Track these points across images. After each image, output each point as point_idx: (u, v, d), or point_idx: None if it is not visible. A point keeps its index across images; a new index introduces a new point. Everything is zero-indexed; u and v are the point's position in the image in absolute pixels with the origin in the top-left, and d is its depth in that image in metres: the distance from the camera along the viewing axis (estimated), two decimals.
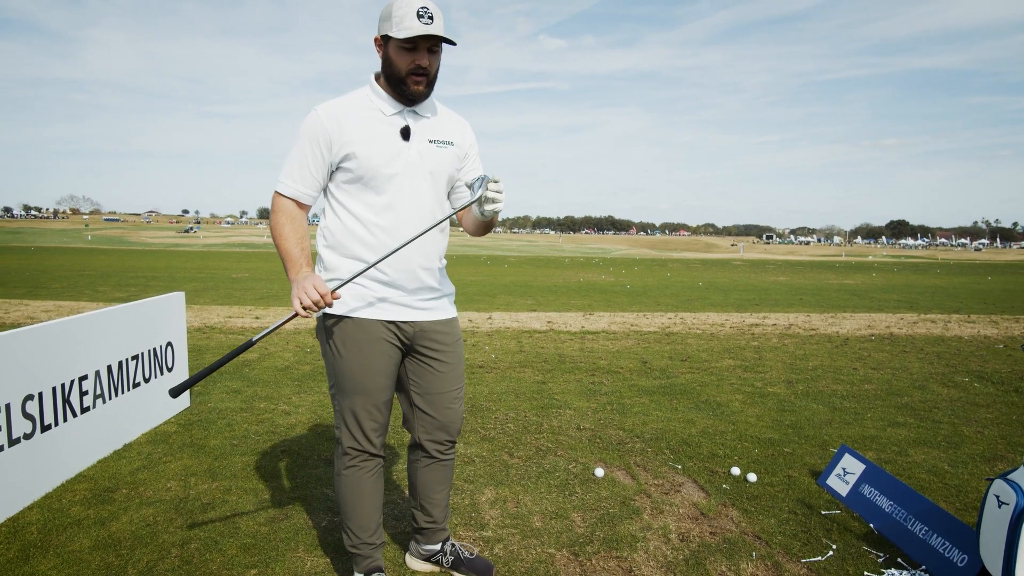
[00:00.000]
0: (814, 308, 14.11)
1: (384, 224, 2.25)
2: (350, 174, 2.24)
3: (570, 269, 29.88)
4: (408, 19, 2.15)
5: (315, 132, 2.23)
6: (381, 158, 2.22)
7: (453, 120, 2.46)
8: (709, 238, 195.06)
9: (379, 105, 2.28)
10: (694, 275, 27.59)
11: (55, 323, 3.46)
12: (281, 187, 2.27)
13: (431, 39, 2.19)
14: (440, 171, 2.34)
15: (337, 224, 2.29)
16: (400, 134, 2.26)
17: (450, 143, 2.38)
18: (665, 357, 7.07)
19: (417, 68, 2.19)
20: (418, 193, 2.29)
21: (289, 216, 2.25)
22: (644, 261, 41.42)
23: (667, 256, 57.24)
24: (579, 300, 15.39)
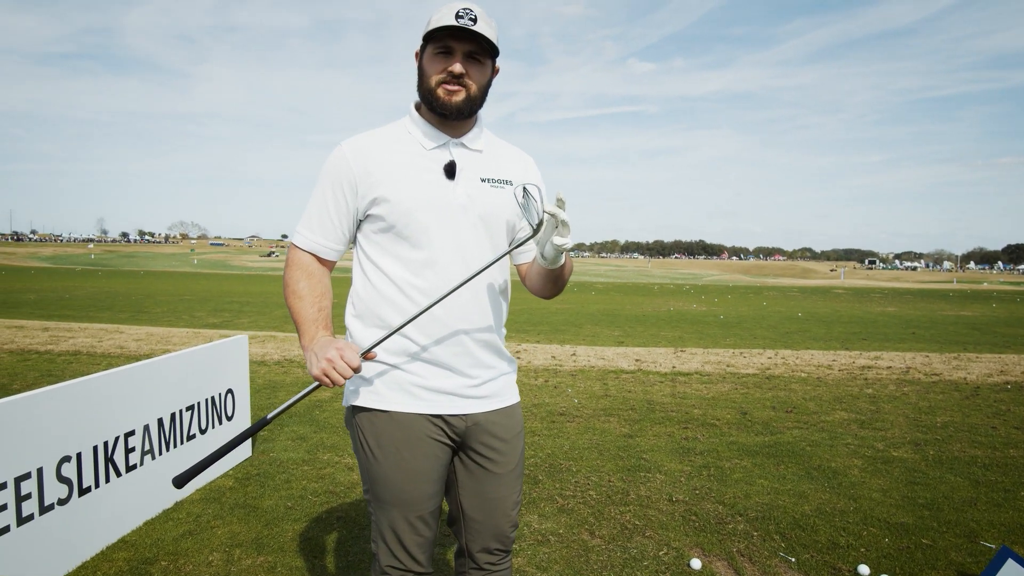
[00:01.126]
0: (930, 344, 12.88)
1: (423, 285, 1.83)
2: (381, 223, 1.84)
3: (659, 297, 28.98)
4: (443, 20, 1.78)
5: (337, 173, 1.86)
6: (417, 201, 1.81)
7: (513, 155, 2.04)
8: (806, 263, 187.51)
9: (418, 137, 1.89)
10: (792, 304, 26.18)
11: (100, 377, 3.23)
12: (297, 238, 1.90)
13: (466, 40, 1.80)
14: (495, 217, 1.90)
15: (366, 287, 1.90)
16: (443, 171, 1.85)
17: (508, 182, 1.94)
18: (767, 406, 6.37)
19: (448, 75, 1.80)
20: (465, 244, 1.86)
21: (306, 271, 1.88)
22: (738, 288, 39.85)
23: (762, 283, 55.10)
24: (669, 332, 14.69)
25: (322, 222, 1.88)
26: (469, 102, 1.86)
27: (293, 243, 1.92)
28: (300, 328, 1.83)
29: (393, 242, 1.85)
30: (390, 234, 1.85)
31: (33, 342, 9.64)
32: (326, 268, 1.93)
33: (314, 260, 1.90)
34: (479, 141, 1.96)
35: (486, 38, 1.81)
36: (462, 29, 1.78)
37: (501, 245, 1.95)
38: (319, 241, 1.88)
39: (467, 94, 1.84)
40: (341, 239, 1.91)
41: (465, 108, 1.85)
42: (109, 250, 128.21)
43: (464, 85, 1.83)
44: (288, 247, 1.93)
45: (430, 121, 1.91)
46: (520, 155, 2.07)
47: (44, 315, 15.57)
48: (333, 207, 1.87)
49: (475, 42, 1.82)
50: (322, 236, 1.88)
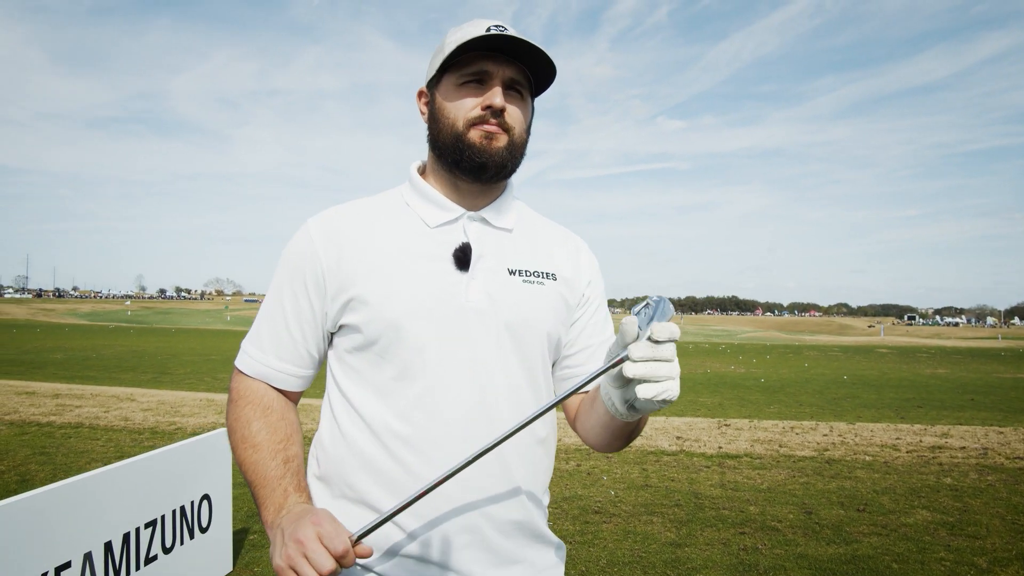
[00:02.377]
0: (994, 414, 11.86)
1: (413, 435, 1.21)
2: (356, 337, 1.25)
3: (695, 357, 28.00)
4: (468, 32, 1.25)
5: (298, 264, 1.28)
6: (409, 304, 1.22)
7: (556, 236, 1.43)
8: (843, 319, 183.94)
9: (419, 209, 1.32)
10: (836, 366, 25.03)
11: (28, 498, 2.61)
12: (242, 359, 1.31)
13: (508, 62, 1.26)
14: (528, 327, 1.28)
15: (333, 435, 1.28)
16: (453, 259, 1.26)
17: (550, 275, 1.34)
18: (834, 503, 5.54)
19: (487, 112, 1.24)
20: (482, 370, 1.24)
21: (260, 407, 1.26)
22: (776, 347, 38.60)
23: (800, 340, 53.56)
24: (709, 397, 13.84)
25: (277, 337, 1.29)
26: (512, 152, 1.28)
27: (236, 367, 1.31)
28: (258, 494, 1.19)
29: (373, 366, 1.24)
30: (369, 354, 1.24)
31: (37, 412, 9.17)
32: (285, 402, 1.31)
33: (270, 389, 1.29)
34: (508, 215, 1.36)
35: (536, 58, 1.26)
36: (501, 40, 1.22)
37: (537, 367, 1.31)
38: (272, 364, 1.28)
39: (510, 139, 1.27)
40: (305, 360, 1.30)
41: (508, 160, 1.28)
42: (146, 306, 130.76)
43: (506, 127, 1.26)
44: (231, 377, 1.33)
45: (439, 187, 1.33)
46: (567, 236, 1.45)
47: (66, 376, 15.26)
48: (293, 314, 1.28)
49: (518, 65, 1.26)
50: (276, 357, 1.28)
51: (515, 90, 1.29)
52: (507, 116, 1.26)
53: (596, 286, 1.44)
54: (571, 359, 1.39)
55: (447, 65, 1.27)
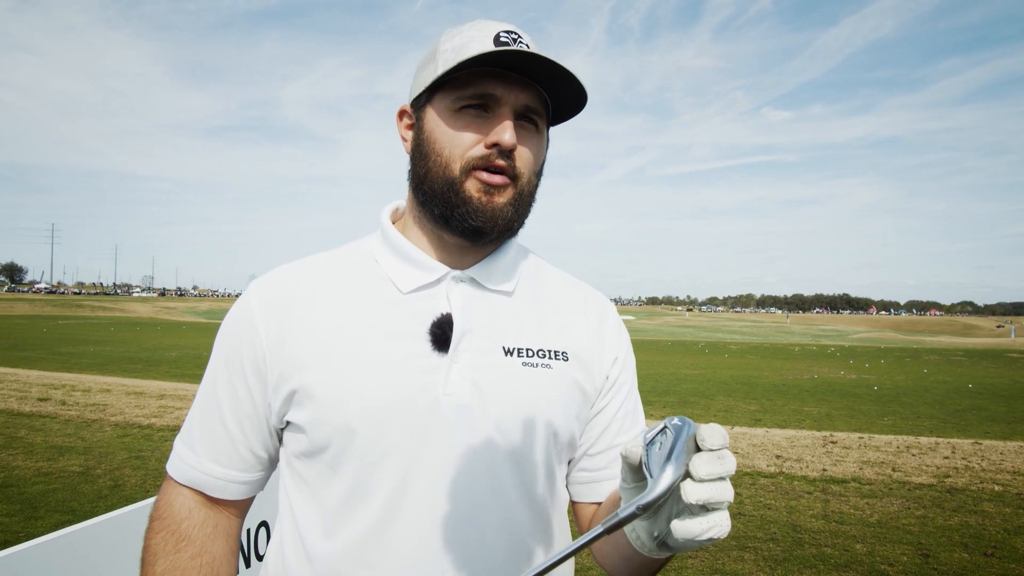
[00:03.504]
0: None
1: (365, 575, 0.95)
2: (302, 439, 0.99)
3: (801, 360, 26.62)
4: (474, 45, 0.93)
5: (234, 341, 1.01)
6: (366, 401, 0.95)
7: (572, 298, 1.12)
8: (967, 318, 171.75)
9: (389, 269, 1.03)
10: (959, 372, 23.15)
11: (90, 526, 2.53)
12: (172, 462, 1.07)
13: (521, 87, 0.95)
14: (530, 427, 0.99)
15: (276, 564, 1.03)
16: (430, 337, 0.97)
17: (561, 354, 1.03)
18: (956, 544, 4.90)
19: (493, 152, 0.94)
20: (463, 490, 0.96)
21: (174, 537, 1.01)
22: (891, 351, 36.21)
23: (918, 342, 50.17)
24: (814, 407, 13.01)
25: (211, 434, 1.04)
26: (518, 208, 0.99)
27: (166, 470, 1.08)
28: None
29: (322, 479, 0.98)
30: (317, 464, 0.98)
31: (141, 413, 9.58)
32: (223, 518, 1.06)
33: (199, 507, 1.04)
34: (507, 273, 1.06)
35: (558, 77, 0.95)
36: (516, 57, 0.91)
37: (540, 484, 1.02)
38: (205, 469, 1.03)
39: (516, 192, 0.97)
40: (249, 463, 1.05)
41: (513, 221, 0.99)
42: None
43: (514, 173, 0.96)
44: (163, 481, 1.09)
45: (418, 238, 1.04)
46: (587, 298, 1.13)
47: (177, 374, 16.06)
48: (229, 406, 1.02)
49: (534, 88, 0.96)
50: (211, 460, 1.03)
51: (528, 120, 0.98)
52: (516, 158, 0.96)
53: (625, 365, 1.11)
54: (592, 460, 1.08)
55: (441, 82, 0.97)
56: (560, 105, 1.01)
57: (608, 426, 1.08)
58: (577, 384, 1.04)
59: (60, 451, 7.12)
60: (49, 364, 17.30)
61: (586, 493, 1.09)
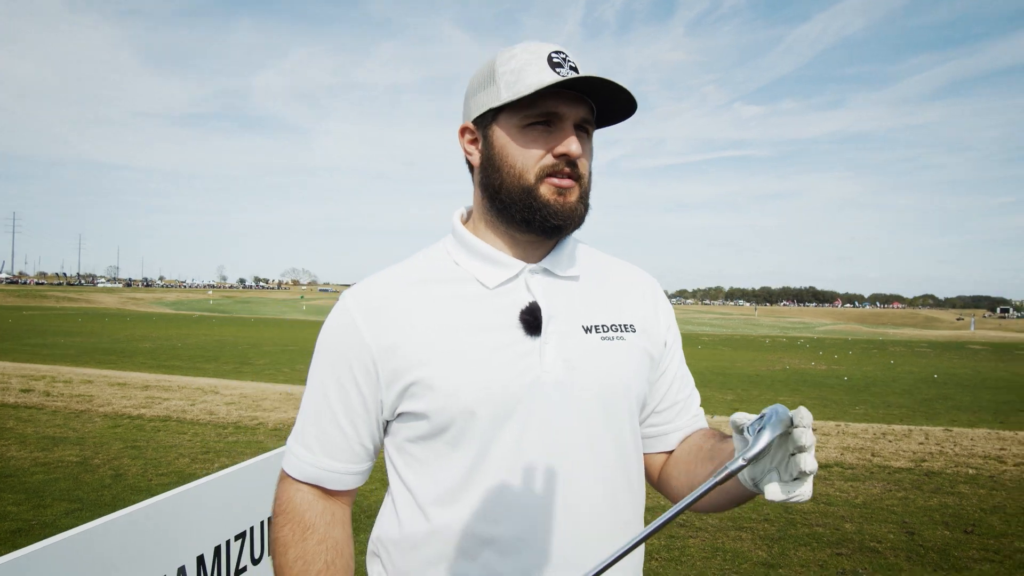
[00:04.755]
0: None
1: (496, 535, 1.08)
2: (421, 424, 1.11)
3: (772, 352, 27.17)
4: (532, 68, 1.06)
5: (343, 352, 1.14)
6: (481, 385, 1.08)
7: (627, 278, 1.28)
8: (929, 311, 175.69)
9: (473, 268, 1.16)
10: (924, 363, 23.86)
11: (118, 518, 2.63)
12: (289, 462, 1.18)
13: (577, 102, 1.09)
14: (616, 392, 1.15)
15: (394, 531, 1.16)
16: (522, 323, 1.11)
17: (630, 327, 1.19)
18: (937, 523, 5.18)
19: (561, 161, 1.08)
20: (568, 451, 1.11)
21: (302, 527, 1.14)
22: (858, 342, 37.10)
23: (883, 334, 51.36)
24: (788, 397, 13.39)
25: (325, 434, 1.15)
26: (584, 203, 1.14)
27: (283, 470, 1.20)
28: None
29: (442, 457, 1.11)
30: (437, 444, 1.11)
31: (129, 404, 9.55)
32: (338, 507, 1.18)
33: (317, 499, 1.16)
34: (572, 261, 1.21)
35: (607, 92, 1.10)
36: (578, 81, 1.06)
37: (628, 439, 1.17)
38: (323, 465, 1.15)
39: (581, 190, 1.11)
40: (360, 455, 1.17)
41: (583, 214, 1.13)
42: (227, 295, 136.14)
43: (578, 176, 1.10)
44: (278, 478, 1.21)
45: (491, 239, 1.17)
46: (638, 277, 1.29)
47: (154, 365, 15.95)
48: (341, 407, 1.14)
49: (588, 103, 1.10)
50: (327, 456, 1.15)
51: (583, 129, 1.13)
52: (580, 164, 1.11)
53: (675, 330, 1.30)
54: (660, 415, 1.26)
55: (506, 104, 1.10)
56: (607, 112, 1.15)
57: (671, 385, 1.26)
58: (646, 351, 1.20)
59: (54, 441, 7.11)
60: (20, 355, 17.03)
61: (657, 445, 1.26)
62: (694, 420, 1.29)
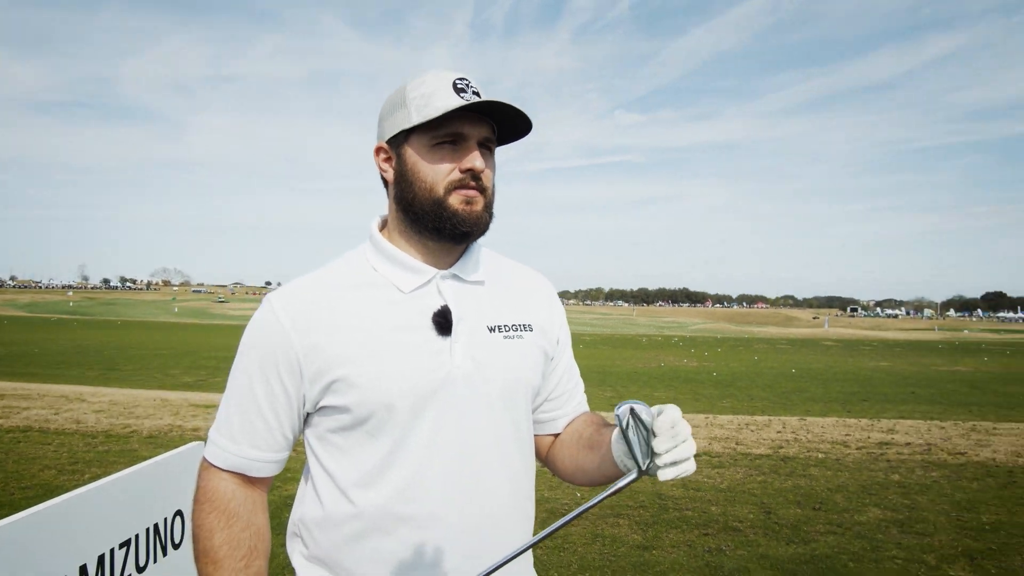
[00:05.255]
0: (934, 407, 12.44)
1: (410, 513, 1.22)
2: (342, 417, 1.23)
3: (649, 350, 28.46)
4: (440, 94, 1.21)
5: (269, 349, 1.24)
6: (397, 380, 1.21)
7: (526, 282, 1.44)
8: (789, 311, 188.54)
9: (390, 274, 1.29)
10: (784, 359, 25.75)
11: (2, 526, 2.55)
12: (212, 451, 1.27)
13: (480, 122, 1.25)
14: (516, 385, 1.31)
15: (323, 517, 1.27)
16: (434, 324, 1.25)
17: (527, 327, 1.35)
18: (791, 502, 5.74)
19: (467, 175, 1.23)
20: (474, 437, 1.26)
21: (224, 513, 1.24)
22: (727, 340, 39.44)
23: (749, 333, 54.85)
24: (663, 392, 14.13)
25: (249, 424, 1.25)
26: (489, 211, 1.29)
27: (206, 459, 1.28)
28: None
29: (361, 445, 1.23)
30: (357, 433, 1.23)
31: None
32: (257, 494, 1.29)
33: (239, 487, 1.26)
34: (477, 267, 1.35)
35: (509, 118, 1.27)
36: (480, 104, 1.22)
37: (524, 426, 1.34)
38: (247, 455, 1.25)
39: (486, 200, 1.27)
40: (281, 444, 1.28)
41: (488, 221, 1.29)
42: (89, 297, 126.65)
43: (482, 188, 1.25)
44: (200, 467, 1.29)
45: (406, 247, 1.31)
46: (535, 280, 1.46)
47: (8, 373, 14.77)
48: (266, 400, 1.25)
49: (490, 123, 1.26)
50: (250, 446, 1.25)
51: (486, 147, 1.28)
52: (484, 177, 1.26)
53: (566, 329, 1.48)
54: (551, 403, 1.43)
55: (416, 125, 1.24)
56: (508, 131, 1.32)
57: (562, 377, 1.44)
58: (541, 348, 1.38)
59: None
60: None
61: (548, 428, 1.44)
62: (579, 407, 1.48)
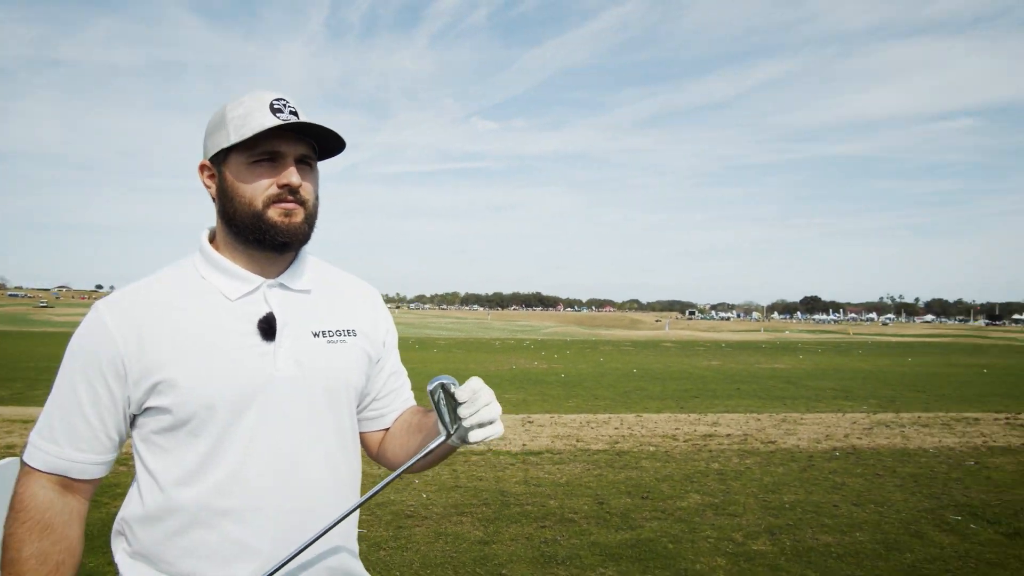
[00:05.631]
0: (755, 401, 13.66)
1: (231, 507, 1.27)
2: (165, 418, 1.27)
3: (502, 353, 29.05)
4: (256, 114, 1.29)
5: (93, 352, 1.27)
6: (220, 383, 1.27)
7: (353, 290, 1.54)
8: (634, 314, 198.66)
9: (217, 282, 1.35)
10: (627, 360, 27.17)
11: None
12: (31, 453, 1.27)
13: (297, 140, 1.34)
14: (339, 387, 1.40)
15: (138, 510, 1.30)
16: (259, 330, 1.32)
17: (351, 332, 1.44)
18: (623, 493, 6.16)
19: (284, 190, 1.31)
20: (296, 436, 1.34)
21: (38, 524, 1.23)
22: (575, 343, 41.01)
23: (597, 336, 57.26)
24: (514, 394, 14.52)
25: (72, 427, 1.27)
26: (309, 223, 1.37)
27: (24, 463, 1.27)
28: None
29: (184, 445, 1.27)
30: (179, 434, 1.27)
31: None
32: (76, 503, 1.29)
33: (58, 495, 1.26)
34: (305, 276, 1.43)
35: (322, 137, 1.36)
36: (297, 127, 1.31)
37: (347, 426, 1.43)
38: (69, 456, 1.26)
39: (306, 212, 1.35)
40: (106, 446, 1.30)
41: (307, 232, 1.37)
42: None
43: (302, 200, 1.33)
44: (18, 474, 1.28)
45: (234, 257, 1.37)
46: (362, 289, 1.55)
47: None
48: (89, 402, 1.27)
49: (308, 141, 1.35)
50: (73, 448, 1.26)
51: (306, 163, 1.37)
52: (302, 191, 1.33)
53: (392, 332, 1.59)
54: (379, 402, 1.54)
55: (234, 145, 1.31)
56: (324, 145, 1.42)
57: (389, 377, 1.55)
58: (364, 351, 1.47)
59: None
60: None
61: (377, 424, 1.55)
62: (406, 403, 1.59)
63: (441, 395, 1.24)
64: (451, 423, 1.24)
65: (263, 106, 1.31)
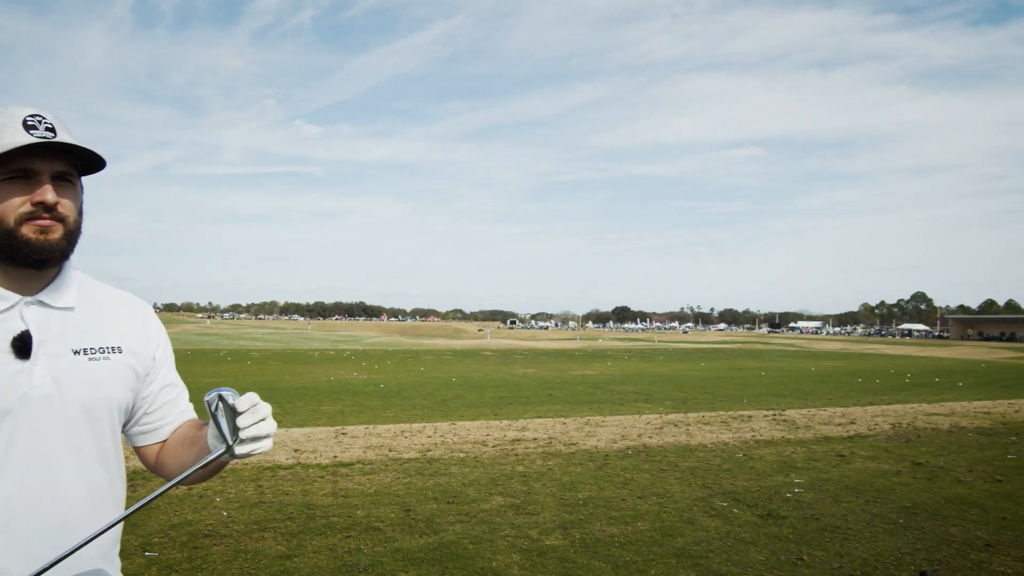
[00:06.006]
0: (565, 406, 14.42)
1: None
2: None
3: (320, 365, 28.27)
4: (7, 131, 1.31)
5: None
6: None
7: (120, 307, 1.55)
8: (458, 323, 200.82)
9: None
10: (447, 369, 27.49)
11: None
12: None
13: (56, 158, 1.36)
14: (98, 404, 1.42)
15: None
16: (12, 348, 1.33)
17: (115, 348, 1.46)
18: (430, 498, 6.33)
19: (39, 208, 1.33)
20: (51, 455, 1.35)
21: None
22: (397, 353, 40.80)
23: (419, 344, 57.26)
24: (330, 406, 14.25)
25: None
26: (69, 239, 1.38)
27: None
28: None
29: None
30: None
31: None
32: None
33: None
34: (68, 293, 1.44)
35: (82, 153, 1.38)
36: (48, 145, 1.32)
37: (108, 443, 1.45)
38: None
39: (65, 229, 1.36)
40: None
41: (67, 248, 1.38)
42: None
43: (60, 217, 1.35)
44: None
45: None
46: (131, 305, 1.57)
47: None
48: None
49: (68, 159, 1.37)
50: None
51: (65, 180, 1.38)
52: (60, 208, 1.34)
53: (165, 349, 1.60)
54: (151, 415, 1.56)
55: None
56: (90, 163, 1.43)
57: (161, 390, 1.57)
58: (131, 367, 1.49)
59: None
60: None
61: (152, 438, 1.57)
62: (182, 415, 1.61)
63: (220, 405, 1.29)
64: (230, 434, 1.29)
65: (15, 123, 1.31)
